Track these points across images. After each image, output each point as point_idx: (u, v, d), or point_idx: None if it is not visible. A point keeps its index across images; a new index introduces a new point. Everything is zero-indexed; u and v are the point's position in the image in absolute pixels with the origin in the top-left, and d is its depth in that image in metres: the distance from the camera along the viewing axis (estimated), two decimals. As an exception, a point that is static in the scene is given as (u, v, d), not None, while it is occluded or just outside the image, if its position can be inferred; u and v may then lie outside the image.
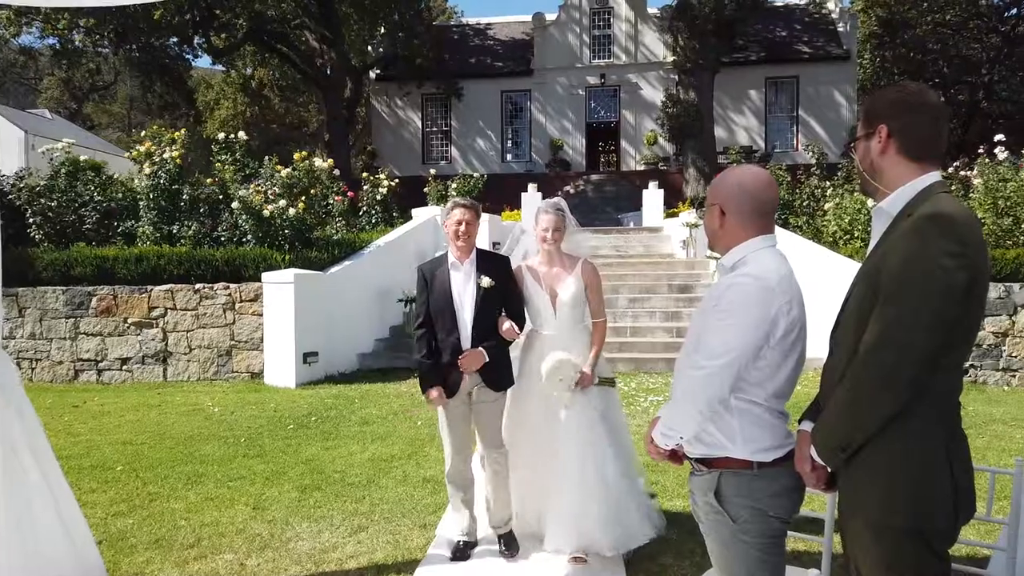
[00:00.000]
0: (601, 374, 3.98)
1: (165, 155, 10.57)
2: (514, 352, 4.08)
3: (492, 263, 3.96)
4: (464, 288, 3.85)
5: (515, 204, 17.99)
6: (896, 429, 1.85)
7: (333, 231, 11.72)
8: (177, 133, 10.99)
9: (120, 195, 11.21)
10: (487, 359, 3.81)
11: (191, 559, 4.02)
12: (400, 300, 11.05)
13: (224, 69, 34.73)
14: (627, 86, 28.03)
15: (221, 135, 11.40)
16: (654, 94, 27.35)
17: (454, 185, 15.89)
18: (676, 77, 25.98)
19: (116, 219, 10.98)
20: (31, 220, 10.76)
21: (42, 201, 10.78)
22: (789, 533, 2.30)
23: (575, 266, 4.03)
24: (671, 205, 18.52)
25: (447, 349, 3.84)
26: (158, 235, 10.67)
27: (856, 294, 2.02)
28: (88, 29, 22.96)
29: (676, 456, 2.30)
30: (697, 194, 21.99)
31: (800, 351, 2.17)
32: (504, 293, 3.90)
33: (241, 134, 11.29)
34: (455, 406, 3.92)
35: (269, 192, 10.36)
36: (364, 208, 13.97)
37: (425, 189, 15.99)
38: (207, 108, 39.57)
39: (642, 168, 27.59)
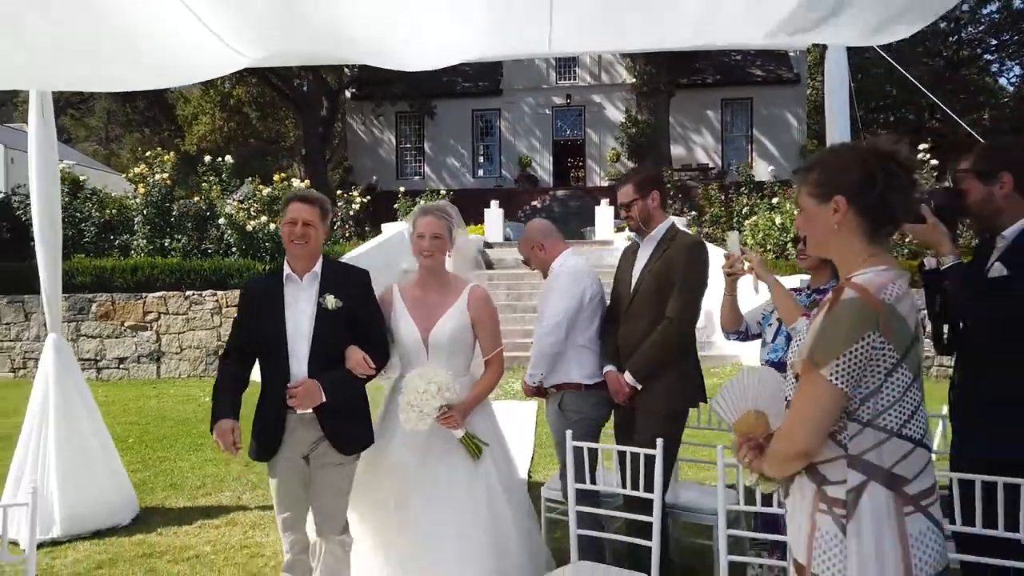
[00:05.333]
0: (473, 429, 3.03)
1: (156, 176, 11.81)
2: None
3: (344, 277, 3.04)
4: (300, 307, 2.94)
5: (482, 219, 19.35)
6: (678, 361, 3.31)
7: (309, 244, 13.01)
8: (168, 156, 12.21)
9: (116, 211, 12.41)
10: (323, 398, 2.85)
11: (199, 496, 5.30)
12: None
13: (203, 87, 35.76)
14: (591, 106, 29.43)
15: (208, 157, 12.65)
16: (617, 114, 28.81)
17: (422, 201, 17.19)
18: (633, 97, 27.52)
19: (113, 233, 12.18)
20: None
21: (44, 217, 11.94)
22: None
23: (460, 293, 3.10)
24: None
25: (274, 385, 2.90)
26: (151, 247, 11.87)
27: (647, 287, 3.39)
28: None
29: (540, 391, 3.62)
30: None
31: (601, 312, 3.54)
32: (358, 317, 2.97)
33: (228, 158, 12.56)
34: (285, 468, 2.96)
35: (252, 209, 11.63)
36: (338, 223, 15.24)
37: (395, 205, 17.30)
38: (186, 123, 40.51)
39: (606, 184, 28.95)
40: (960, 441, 2.65)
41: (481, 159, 30.59)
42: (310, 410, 2.87)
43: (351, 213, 15.05)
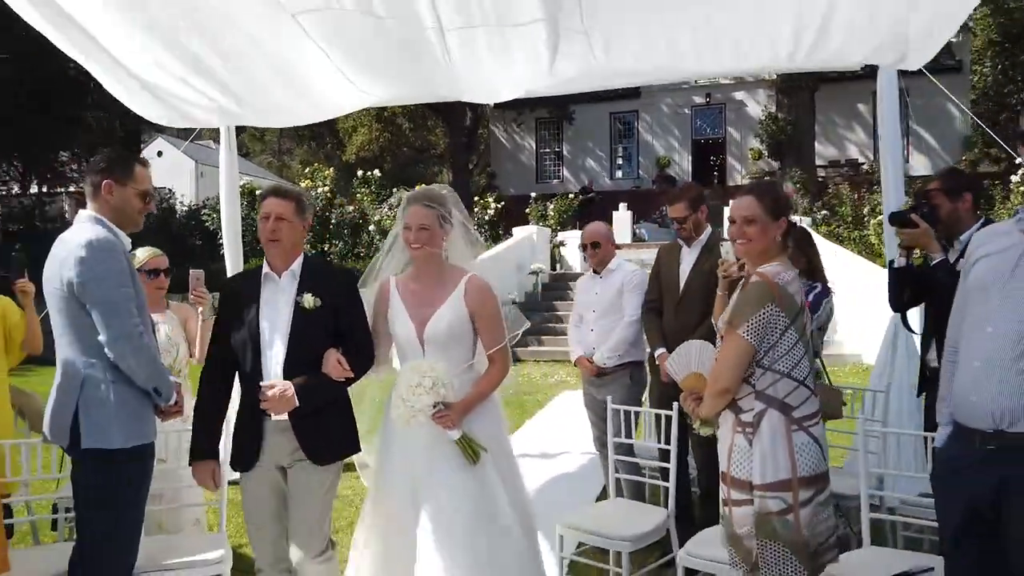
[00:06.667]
0: (470, 431, 2.81)
1: (318, 189, 13.54)
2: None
3: (326, 276, 2.90)
4: (277, 307, 2.80)
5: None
6: None
7: (447, 247, 14.35)
8: (327, 172, 13.93)
9: (284, 220, 14.32)
10: (296, 403, 2.68)
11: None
12: (501, 304, 13.43)
13: (361, 101, 38.69)
14: (732, 104, 29.01)
15: (360, 171, 14.28)
16: (759, 111, 28.28)
17: (552, 206, 18.14)
18: (774, 94, 26.97)
19: (282, 239, 14.09)
20: (220, 242, 14.08)
21: (228, 226, 14.12)
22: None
23: (457, 284, 2.90)
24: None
25: (251, 390, 2.76)
26: (313, 252, 13.63)
27: (697, 285, 4.07)
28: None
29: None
30: (796, 207, 23.08)
31: None
32: (339, 317, 2.80)
33: (376, 172, 14.12)
34: (258, 487, 2.80)
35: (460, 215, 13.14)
36: (475, 227, 16.50)
37: (527, 209, 18.35)
38: (346, 135, 44.06)
39: (747, 183, 28.43)
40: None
41: (619, 160, 31.08)
42: (285, 416, 2.70)
43: (486, 218, 16.24)
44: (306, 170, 14.47)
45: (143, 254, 3.87)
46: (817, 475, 2.36)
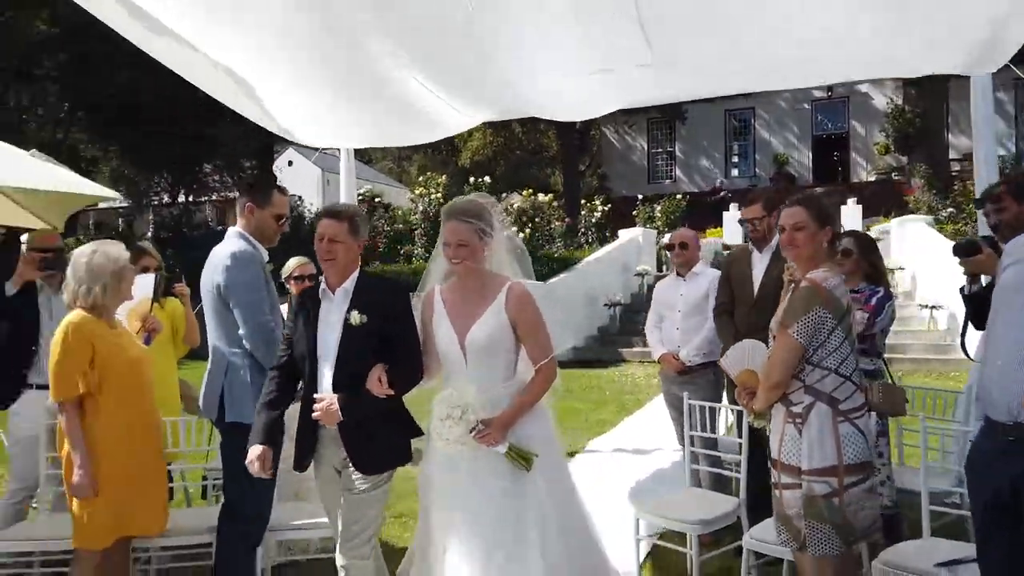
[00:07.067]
0: (517, 442, 2.79)
1: (432, 196, 14.30)
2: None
3: (377, 292, 2.95)
4: (330, 323, 2.92)
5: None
6: None
7: (553, 250, 14.74)
8: (440, 179, 14.68)
9: (400, 225, 15.21)
10: (340, 417, 2.81)
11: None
12: (606, 305, 13.67)
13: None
14: (856, 96, 27.77)
15: (472, 178, 14.94)
16: (885, 103, 26.95)
17: (659, 207, 18.15)
18: (902, 86, 25.61)
19: (400, 243, 14.99)
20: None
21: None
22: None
23: (498, 293, 2.88)
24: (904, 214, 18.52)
25: (308, 399, 2.92)
26: (426, 255, 14.42)
27: (772, 289, 4.24)
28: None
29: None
30: (922, 204, 21.86)
31: None
32: (385, 334, 2.86)
33: (486, 178, 14.75)
34: (324, 483, 3.04)
35: (505, 221, 13.64)
36: (583, 229, 16.81)
37: (634, 212, 18.43)
38: (461, 140, 45.47)
39: (872, 179, 27.23)
40: None
41: (735, 159, 30.43)
42: (335, 426, 2.85)
43: (593, 221, 16.51)
44: (420, 178, 15.28)
45: (293, 263, 4.57)
46: (862, 463, 2.55)
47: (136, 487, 3.13)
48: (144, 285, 3.92)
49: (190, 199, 27.52)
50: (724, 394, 4.54)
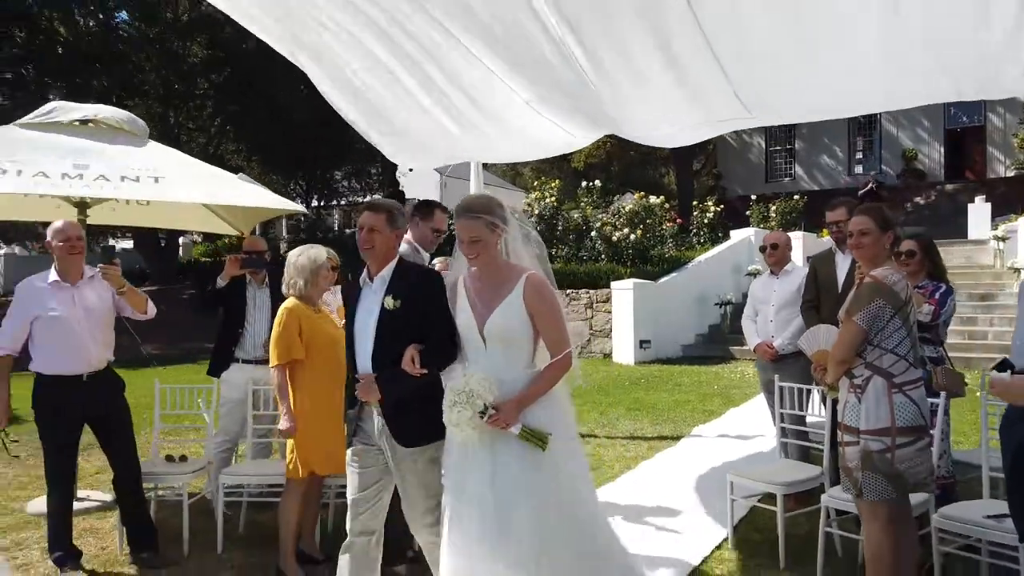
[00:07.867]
0: (528, 423, 2.85)
1: (546, 200, 15.06)
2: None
3: (411, 278, 3.16)
4: (369, 308, 3.15)
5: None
6: None
7: (664, 250, 15.14)
8: (553, 184, 15.41)
9: (518, 227, 16.07)
10: (379, 394, 3.06)
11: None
12: (716, 304, 13.96)
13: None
14: (993, 88, 26.29)
15: (584, 182, 15.59)
16: (1025, 94, 25.31)
17: (774, 207, 18.11)
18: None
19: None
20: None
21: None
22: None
23: (516, 282, 2.96)
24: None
25: (350, 382, 3.21)
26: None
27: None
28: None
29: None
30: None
31: None
32: (418, 316, 3.06)
33: (596, 182, 15.36)
34: (360, 452, 3.21)
35: (617, 222, 14.17)
36: (695, 229, 17.09)
37: (747, 212, 18.48)
38: (575, 142, 46.13)
39: (1011, 175, 25.70)
40: None
41: (859, 155, 29.41)
42: (375, 403, 3.10)
43: (705, 221, 16.77)
44: (534, 183, 16.07)
45: (439, 264, 5.40)
46: (914, 427, 3.05)
47: (327, 435, 3.93)
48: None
49: (321, 204, 29.60)
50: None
